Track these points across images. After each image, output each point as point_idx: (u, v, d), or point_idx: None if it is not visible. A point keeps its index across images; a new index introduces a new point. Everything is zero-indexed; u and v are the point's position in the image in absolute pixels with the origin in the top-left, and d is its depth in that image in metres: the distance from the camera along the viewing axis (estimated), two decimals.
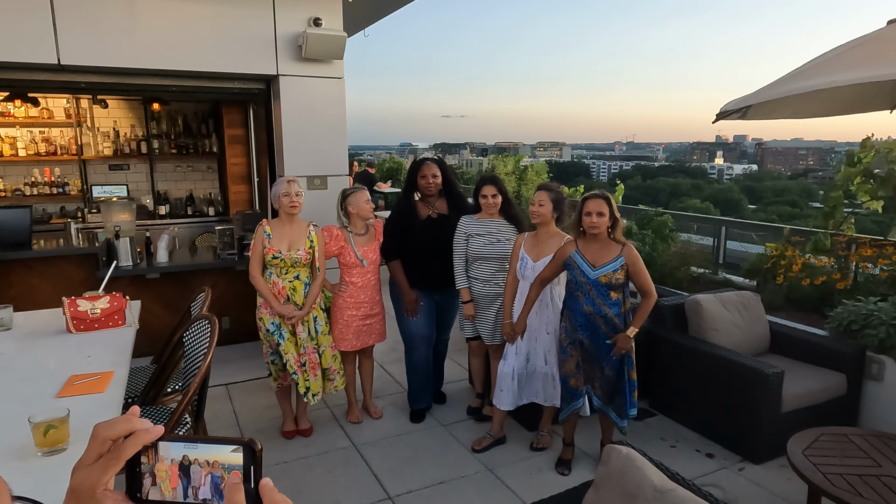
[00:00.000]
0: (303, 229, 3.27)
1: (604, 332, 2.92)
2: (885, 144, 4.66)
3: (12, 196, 6.21)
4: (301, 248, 3.22)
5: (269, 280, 3.24)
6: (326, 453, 3.33)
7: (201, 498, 0.55)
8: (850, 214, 4.90)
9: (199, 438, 0.56)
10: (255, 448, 0.55)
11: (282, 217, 3.27)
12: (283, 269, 3.23)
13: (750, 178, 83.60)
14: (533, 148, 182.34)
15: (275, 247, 3.19)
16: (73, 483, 0.54)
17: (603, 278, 2.86)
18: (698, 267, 5.28)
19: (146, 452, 0.55)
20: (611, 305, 2.89)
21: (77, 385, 2.11)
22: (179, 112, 6.85)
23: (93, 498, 0.53)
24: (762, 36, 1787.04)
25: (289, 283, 3.24)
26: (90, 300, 2.79)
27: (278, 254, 3.19)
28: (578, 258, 2.92)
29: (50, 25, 3.72)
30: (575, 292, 2.97)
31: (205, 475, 0.55)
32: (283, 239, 3.22)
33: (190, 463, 0.55)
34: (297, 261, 3.21)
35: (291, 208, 3.21)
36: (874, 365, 3.38)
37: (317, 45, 4.29)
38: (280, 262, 3.20)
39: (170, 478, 0.55)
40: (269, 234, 3.22)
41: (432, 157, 3.60)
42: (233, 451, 0.55)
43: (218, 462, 0.55)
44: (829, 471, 2.33)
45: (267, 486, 0.55)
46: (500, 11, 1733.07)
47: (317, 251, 3.28)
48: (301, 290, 3.27)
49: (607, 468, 1.74)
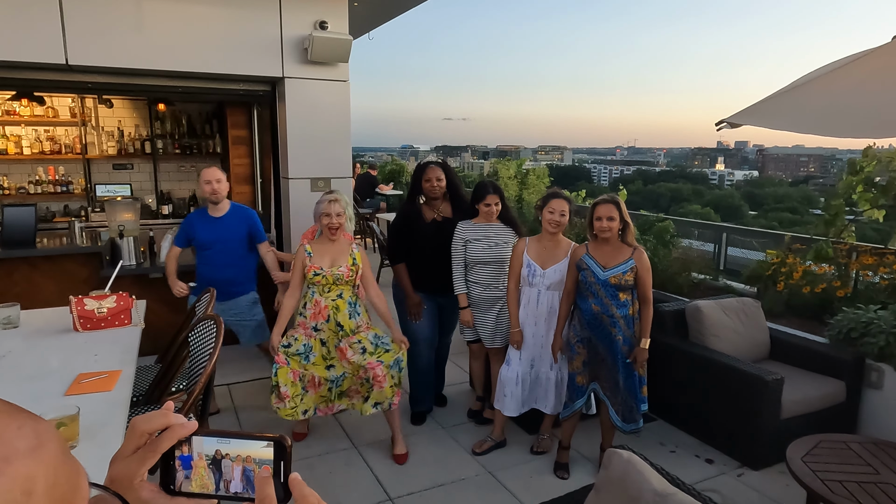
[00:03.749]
0: (345, 246, 3.17)
1: (610, 333, 2.96)
2: (886, 153, 4.69)
3: (17, 194, 6.23)
4: (343, 265, 3.12)
5: (312, 299, 3.13)
6: (327, 454, 3.34)
7: (233, 491, 0.57)
8: (850, 222, 4.93)
9: (231, 433, 0.58)
10: (285, 444, 0.57)
11: (323, 234, 3.20)
12: (326, 286, 3.12)
13: (751, 185, 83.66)
14: (534, 151, 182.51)
15: (316, 264, 3.10)
16: (111, 473, 0.57)
17: (613, 279, 2.92)
18: (699, 273, 5.30)
19: (180, 446, 0.57)
20: (619, 306, 2.94)
21: (85, 383, 2.13)
22: (184, 112, 6.88)
23: (130, 488, 0.56)
24: (765, 41, 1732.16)
25: (331, 301, 3.12)
26: (97, 299, 2.81)
27: (320, 270, 3.09)
28: (589, 260, 2.99)
29: (58, 26, 3.75)
30: (584, 292, 3.02)
31: (237, 469, 0.57)
32: (325, 256, 3.13)
33: (222, 457, 0.57)
34: (339, 278, 3.10)
35: (330, 232, 3.12)
36: (873, 373, 3.40)
37: (323, 47, 4.32)
38: (322, 280, 3.09)
39: (204, 473, 0.57)
40: (309, 253, 3.13)
41: (436, 161, 3.63)
42: (264, 446, 0.57)
43: (251, 457, 0.57)
44: (828, 478, 2.35)
45: (296, 480, 0.57)
46: (502, 15, 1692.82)
47: (361, 268, 3.18)
48: (344, 308, 3.13)
49: (608, 472, 1.76)
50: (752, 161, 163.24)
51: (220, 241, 3.61)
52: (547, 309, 3.16)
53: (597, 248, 3.00)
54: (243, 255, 3.71)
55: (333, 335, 3.14)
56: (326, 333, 3.14)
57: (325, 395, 3.20)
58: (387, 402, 3.18)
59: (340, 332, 3.13)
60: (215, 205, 3.61)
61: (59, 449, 0.45)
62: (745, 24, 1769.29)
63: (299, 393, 3.13)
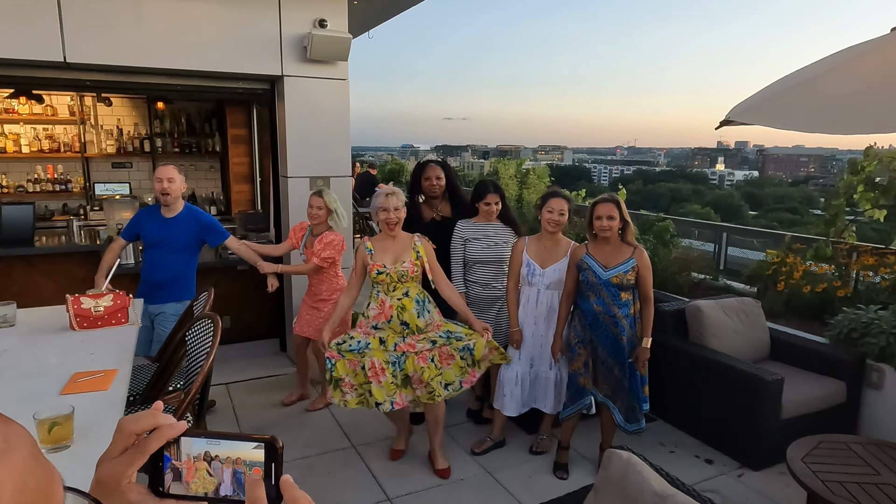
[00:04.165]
0: (407, 241, 3.02)
1: (612, 332, 2.94)
2: (887, 153, 4.67)
3: (15, 192, 6.22)
4: (407, 261, 2.97)
5: (377, 299, 2.99)
6: (326, 454, 3.33)
7: (223, 494, 0.56)
8: (851, 222, 4.91)
9: (221, 434, 0.57)
10: (276, 445, 0.56)
11: (383, 231, 3.04)
12: (391, 285, 2.96)
13: (751, 185, 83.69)
14: (534, 151, 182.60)
15: (378, 261, 2.97)
16: (98, 475, 0.55)
17: (614, 279, 2.91)
18: (699, 273, 5.29)
19: (169, 448, 0.56)
20: (621, 306, 2.94)
21: (80, 382, 2.11)
22: (183, 111, 6.86)
23: (117, 490, 0.54)
24: (766, 39, 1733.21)
25: (397, 300, 2.95)
26: (94, 298, 2.80)
27: (383, 268, 2.95)
28: (590, 260, 2.97)
29: (56, 23, 3.73)
30: (586, 292, 3.00)
31: (227, 471, 0.56)
32: (387, 252, 2.99)
33: (212, 459, 0.56)
34: (404, 274, 2.94)
35: (389, 228, 2.97)
36: (874, 373, 3.39)
37: (322, 46, 4.30)
38: (386, 278, 2.95)
39: (200, 474, 0.56)
40: (370, 250, 3.00)
41: (436, 160, 3.63)
42: (254, 447, 0.56)
43: (241, 458, 0.56)
44: (829, 478, 2.34)
45: (288, 482, 0.56)
46: (502, 14, 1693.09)
47: (426, 262, 3.02)
48: (411, 307, 2.94)
49: (608, 472, 1.75)
50: (752, 161, 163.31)
51: (164, 242, 3.45)
52: (546, 308, 3.15)
53: (597, 248, 2.99)
54: (187, 260, 3.55)
55: (395, 334, 2.96)
56: (387, 332, 2.97)
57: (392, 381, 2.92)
58: (457, 381, 2.98)
59: (406, 331, 2.95)
60: (166, 206, 3.46)
61: (29, 453, 0.43)
62: (745, 23, 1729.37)
63: (363, 381, 2.92)
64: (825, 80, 1.96)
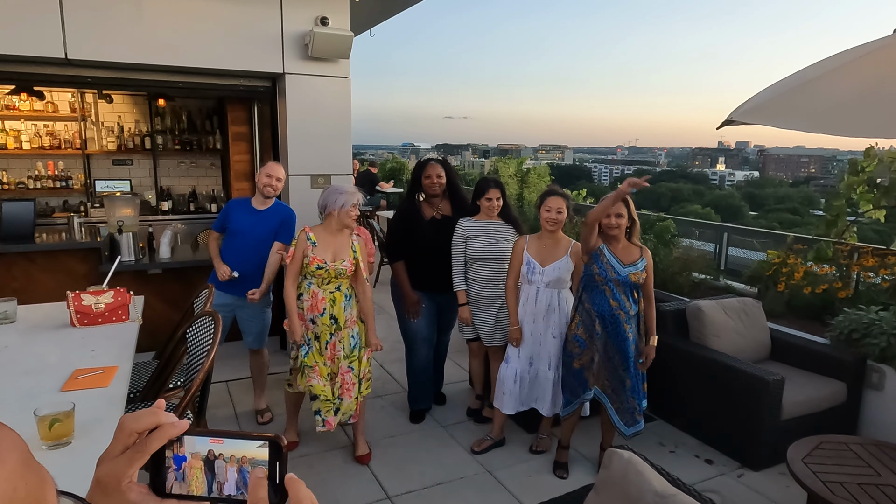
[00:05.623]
0: (346, 238, 3.05)
1: (625, 330, 2.95)
2: (888, 154, 4.67)
3: (16, 189, 6.21)
4: (346, 259, 3.00)
5: (309, 290, 3.01)
6: (326, 452, 3.33)
7: (226, 493, 0.55)
8: (852, 223, 4.91)
9: (224, 433, 0.56)
10: (280, 444, 0.55)
11: (331, 225, 3.02)
12: (326, 279, 3.01)
13: (751, 185, 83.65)
14: (535, 150, 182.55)
15: (319, 256, 2.96)
16: (98, 474, 0.54)
17: (633, 276, 2.91)
18: (700, 273, 5.28)
19: (171, 446, 0.56)
20: (632, 304, 2.96)
21: (81, 379, 2.11)
22: (184, 108, 6.86)
23: (118, 490, 0.53)
24: (767, 40, 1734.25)
25: (329, 294, 3.00)
26: (94, 294, 2.80)
27: (323, 264, 2.95)
28: (608, 252, 2.94)
29: (58, 20, 3.73)
30: (601, 286, 2.96)
31: (231, 470, 0.55)
32: (328, 248, 2.99)
33: (215, 458, 0.55)
34: (342, 272, 2.99)
35: (345, 225, 3.01)
36: (874, 374, 3.39)
37: (323, 44, 4.30)
38: (324, 273, 2.97)
39: (193, 473, 0.55)
40: (314, 242, 2.98)
41: (437, 158, 3.62)
42: (259, 446, 0.55)
43: (245, 457, 0.55)
44: (829, 479, 2.34)
45: (293, 479, 0.55)
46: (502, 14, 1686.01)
47: (361, 261, 3.07)
48: (341, 301, 3.02)
49: (608, 472, 1.75)
50: (752, 161, 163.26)
51: (251, 233, 3.51)
52: (545, 306, 3.14)
53: (608, 245, 2.97)
54: (263, 252, 3.55)
55: (327, 329, 3.03)
56: (321, 328, 3.02)
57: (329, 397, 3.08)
58: (347, 415, 3.10)
59: (334, 326, 3.03)
60: (265, 199, 3.51)
61: (18, 460, 0.42)
62: (746, 22, 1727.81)
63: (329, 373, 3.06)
64: (828, 81, 1.95)
